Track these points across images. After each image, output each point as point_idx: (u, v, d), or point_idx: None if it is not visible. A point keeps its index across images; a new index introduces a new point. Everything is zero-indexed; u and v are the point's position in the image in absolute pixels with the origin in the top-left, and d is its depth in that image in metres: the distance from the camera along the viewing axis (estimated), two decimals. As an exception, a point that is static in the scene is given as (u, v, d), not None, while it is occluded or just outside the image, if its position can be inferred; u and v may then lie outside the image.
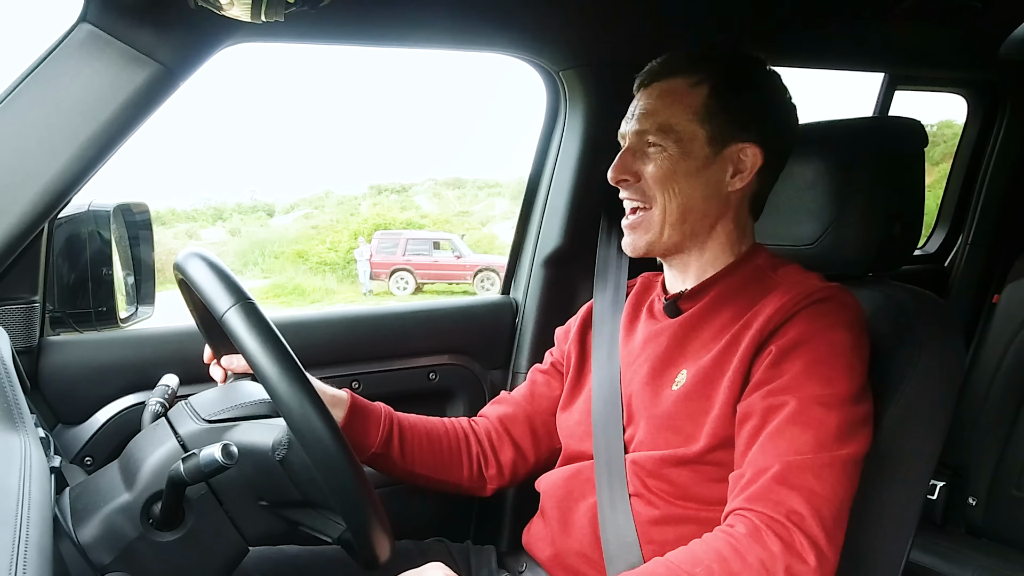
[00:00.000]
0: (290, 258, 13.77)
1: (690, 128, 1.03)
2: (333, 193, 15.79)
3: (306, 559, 1.15)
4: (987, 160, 2.38)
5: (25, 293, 1.16)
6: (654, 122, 1.04)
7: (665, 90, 1.05)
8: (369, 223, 15.25)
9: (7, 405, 0.79)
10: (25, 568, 0.54)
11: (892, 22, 1.62)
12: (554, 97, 1.55)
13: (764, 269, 1.07)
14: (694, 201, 1.04)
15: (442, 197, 16.35)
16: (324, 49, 1.92)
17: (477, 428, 1.28)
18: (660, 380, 1.06)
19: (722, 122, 1.03)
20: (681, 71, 1.05)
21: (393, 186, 16.45)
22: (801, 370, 0.93)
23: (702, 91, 1.03)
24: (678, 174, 1.03)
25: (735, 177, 1.05)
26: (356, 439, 1.13)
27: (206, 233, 15.57)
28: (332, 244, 14.27)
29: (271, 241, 14.43)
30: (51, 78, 1.05)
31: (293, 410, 0.75)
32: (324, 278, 14.11)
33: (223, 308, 0.79)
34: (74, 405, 1.26)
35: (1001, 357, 1.84)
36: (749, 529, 0.86)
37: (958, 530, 1.86)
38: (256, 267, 14.22)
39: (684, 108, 1.03)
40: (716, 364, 1.00)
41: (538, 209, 1.60)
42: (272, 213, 15.57)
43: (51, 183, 1.06)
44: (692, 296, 1.09)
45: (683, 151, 1.03)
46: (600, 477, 1.07)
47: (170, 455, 0.87)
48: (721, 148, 1.04)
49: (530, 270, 1.61)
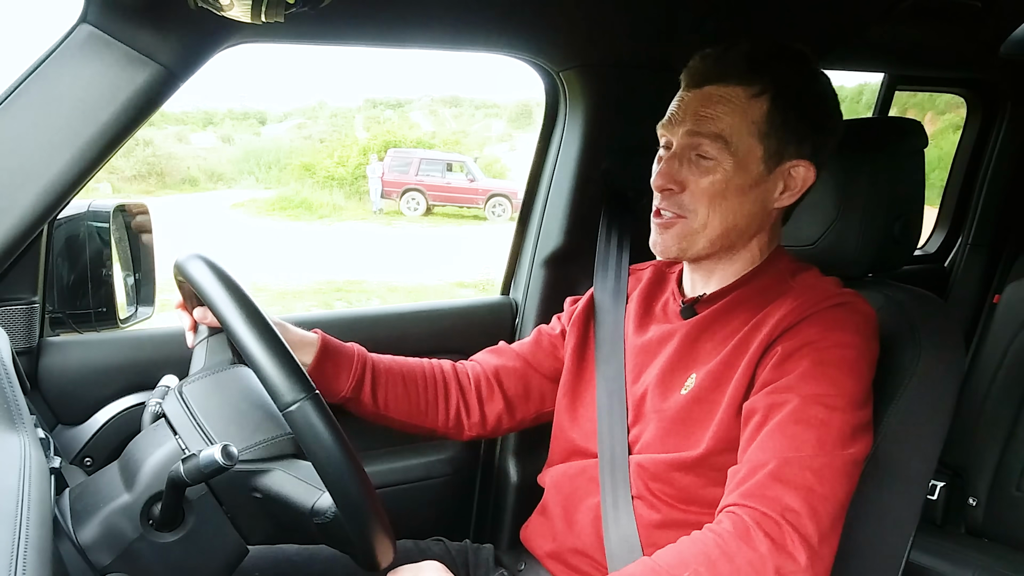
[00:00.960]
0: (296, 171, 13.50)
1: (748, 143, 0.97)
2: (327, 104, 15.53)
3: (305, 558, 1.15)
4: (987, 160, 2.38)
5: (25, 294, 1.16)
6: (711, 131, 0.97)
7: (724, 97, 0.97)
8: (379, 140, 14.99)
9: (7, 406, 0.79)
10: (25, 568, 0.54)
11: (892, 22, 1.62)
12: (554, 97, 1.55)
13: (783, 274, 1.05)
14: (739, 218, 1.00)
15: (439, 115, 16.18)
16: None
17: (463, 373, 1.23)
18: (670, 382, 1.05)
19: (780, 138, 0.98)
20: (740, 78, 0.97)
21: (389, 101, 16.16)
22: (807, 369, 0.92)
23: (763, 104, 0.97)
24: (729, 191, 0.98)
25: (784, 194, 1.01)
26: (326, 383, 1.07)
27: (196, 138, 15.04)
28: (340, 159, 14.02)
29: (266, 151, 14.14)
30: (51, 79, 1.05)
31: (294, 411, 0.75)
32: (332, 193, 13.84)
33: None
34: (74, 406, 1.26)
35: (1001, 357, 1.84)
36: (738, 528, 0.84)
37: (958, 530, 1.86)
38: (251, 177, 13.89)
39: (744, 121, 0.97)
40: (724, 366, 0.99)
41: (538, 209, 1.60)
42: (264, 121, 15.32)
43: (51, 184, 1.06)
44: (710, 300, 1.07)
45: (738, 167, 0.97)
46: (604, 477, 1.07)
47: (170, 456, 0.86)
48: (775, 166, 0.99)
49: (530, 270, 1.61)
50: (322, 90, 14.09)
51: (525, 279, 1.63)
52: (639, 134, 1.53)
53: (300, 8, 0.86)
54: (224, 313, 0.80)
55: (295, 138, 15.02)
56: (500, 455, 1.63)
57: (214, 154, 14.41)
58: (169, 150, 12.63)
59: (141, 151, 11.64)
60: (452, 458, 1.57)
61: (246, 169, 13.93)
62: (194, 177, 13.01)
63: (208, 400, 0.92)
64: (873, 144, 1.12)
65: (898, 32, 1.70)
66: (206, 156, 13.12)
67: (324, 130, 14.92)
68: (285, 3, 0.84)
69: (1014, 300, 1.87)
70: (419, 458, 1.54)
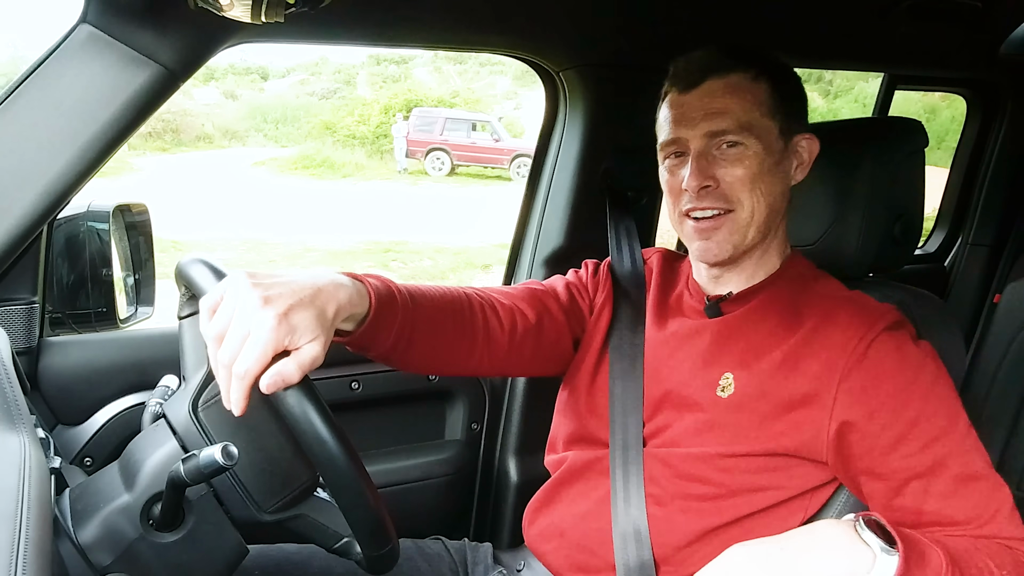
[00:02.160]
0: (316, 129, 13.40)
1: (764, 123, 0.99)
2: (328, 59, 15.37)
3: (305, 558, 1.15)
4: (987, 160, 2.37)
5: (25, 294, 1.16)
6: (732, 120, 0.98)
7: (728, 86, 0.99)
8: (400, 98, 14.88)
9: (7, 406, 0.79)
10: (24, 568, 0.54)
11: (892, 22, 1.62)
12: (554, 97, 1.55)
13: (806, 279, 1.06)
14: (775, 198, 1.01)
15: (443, 72, 16.08)
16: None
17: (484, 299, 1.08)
18: (701, 381, 1.02)
19: (785, 114, 1.01)
20: (737, 66, 1.00)
21: (392, 56, 16.01)
22: (920, 410, 0.90)
23: (764, 84, 1.00)
24: (764, 172, 0.99)
25: (797, 169, 1.04)
26: (371, 338, 0.91)
27: (199, 93, 14.80)
28: (361, 117, 13.89)
29: (272, 107, 14.02)
30: (51, 79, 1.05)
31: (294, 409, 0.75)
32: (353, 152, 13.75)
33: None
34: (74, 406, 1.26)
35: (1001, 358, 1.84)
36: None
37: (958, 530, 1.86)
38: (260, 134, 13.79)
39: (755, 102, 0.99)
40: (774, 378, 0.96)
41: (538, 209, 1.60)
42: (266, 77, 15.16)
43: (51, 184, 1.06)
44: (737, 300, 1.05)
45: (765, 147, 0.99)
46: (615, 469, 1.05)
47: (170, 456, 0.87)
48: (788, 140, 1.02)
49: (530, 270, 1.61)
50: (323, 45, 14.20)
51: (525, 279, 1.63)
52: (639, 134, 1.53)
53: (300, 8, 0.86)
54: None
55: (299, 94, 14.89)
56: (500, 455, 1.63)
57: (218, 110, 14.29)
58: (182, 106, 12.49)
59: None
60: (452, 458, 1.57)
61: (253, 126, 13.83)
62: (208, 134, 12.97)
63: (232, 435, 0.88)
64: (873, 144, 1.12)
65: (898, 32, 1.70)
66: (209, 112, 12.99)
67: (327, 87, 14.79)
68: (285, 3, 0.84)
69: (1014, 300, 1.87)
70: (419, 458, 1.54)
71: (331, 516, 0.92)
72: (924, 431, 0.89)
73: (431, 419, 1.61)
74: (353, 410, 1.49)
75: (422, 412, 1.60)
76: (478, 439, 1.62)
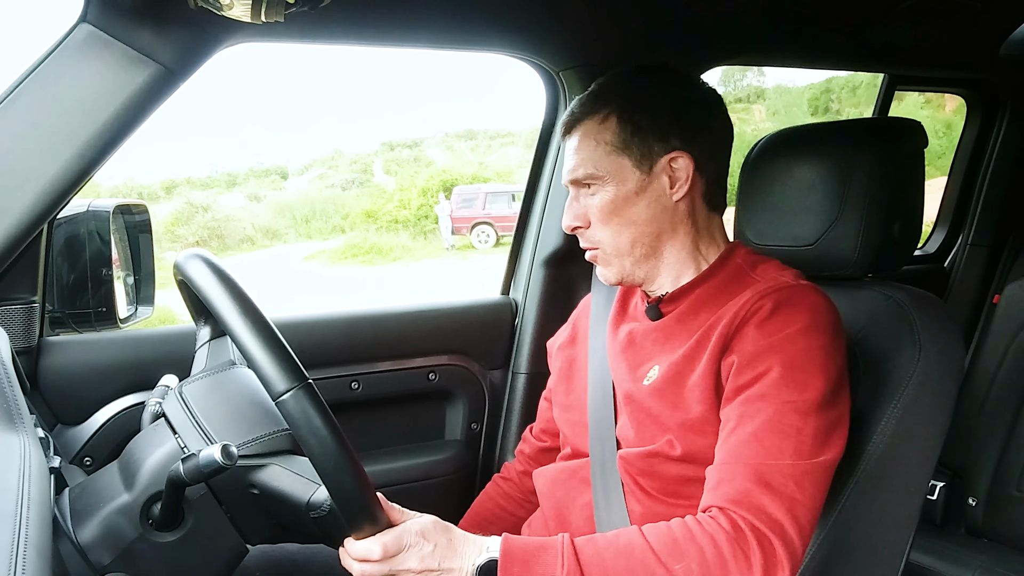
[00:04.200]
0: (359, 218, 13.71)
1: (612, 161, 1.04)
2: (343, 152, 15.72)
3: (306, 558, 1.15)
4: (987, 160, 2.38)
5: (25, 293, 1.16)
6: (582, 170, 1.06)
7: (581, 135, 1.07)
8: (435, 180, 15.20)
9: (6, 405, 0.79)
10: (24, 568, 0.54)
11: (892, 22, 1.62)
12: (554, 97, 1.55)
13: (743, 268, 1.07)
14: (639, 226, 1.05)
15: (455, 150, 16.36)
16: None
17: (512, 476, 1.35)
18: (635, 376, 1.07)
19: (639, 143, 1.04)
20: (588, 112, 1.07)
21: (405, 141, 16.36)
22: (776, 376, 0.92)
23: (611, 124, 1.05)
24: (619, 207, 1.05)
25: (674, 188, 1.06)
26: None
27: (225, 200, 15.23)
28: (402, 202, 14.25)
29: (297, 204, 14.28)
30: (51, 78, 1.05)
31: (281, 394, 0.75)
32: (398, 235, 14.06)
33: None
34: (74, 405, 1.26)
35: (1001, 358, 1.84)
36: (734, 535, 0.86)
37: (958, 530, 1.86)
38: (291, 230, 14.05)
39: (600, 145, 1.05)
40: (686, 360, 1.00)
41: (538, 209, 1.61)
42: (286, 175, 15.45)
43: (51, 183, 1.06)
44: (672, 300, 1.09)
45: (615, 185, 1.04)
46: (595, 476, 1.08)
47: (170, 455, 0.87)
48: (650, 167, 1.04)
49: (530, 270, 1.62)
50: (336, 138, 14.29)
51: (525, 279, 1.63)
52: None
53: (300, 8, 0.86)
54: (219, 307, 0.80)
55: (319, 188, 15.24)
56: (500, 455, 1.63)
57: (245, 213, 14.61)
58: (225, 212, 12.82)
59: (201, 216, 12.05)
60: (452, 458, 1.57)
61: (283, 224, 14.17)
62: (250, 236, 13.28)
63: (207, 399, 0.92)
64: (873, 144, 1.12)
65: (898, 32, 1.70)
66: (238, 216, 13.28)
67: (346, 177, 15.15)
68: (285, 3, 0.84)
69: (1014, 300, 1.87)
70: (419, 458, 1.54)
71: (302, 467, 0.88)
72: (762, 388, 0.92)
73: (431, 419, 1.61)
74: (353, 410, 1.49)
75: (422, 412, 1.60)
76: (478, 439, 1.62)
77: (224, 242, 11.73)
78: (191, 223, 11.10)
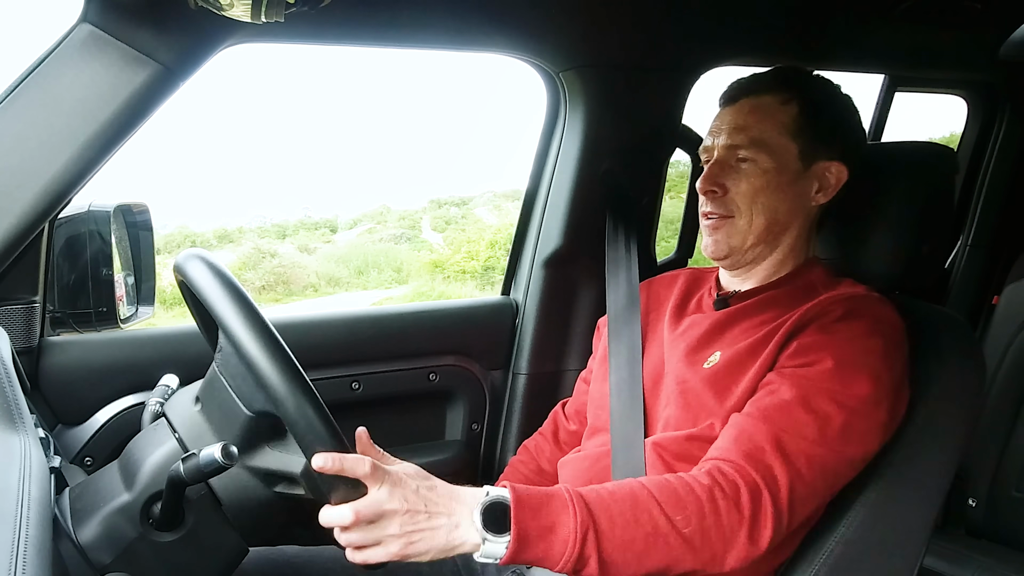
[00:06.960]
0: (426, 267, 14.26)
1: (782, 142, 1.07)
2: (391, 208, 16.02)
3: (306, 560, 1.15)
4: (987, 161, 2.37)
5: (25, 293, 1.16)
6: (747, 136, 1.08)
7: (756, 106, 1.09)
8: (503, 232, 15.68)
9: (7, 405, 0.79)
10: (24, 568, 0.54)
11: (892, 22, 1.62)
12: (554, 98, 1.55)
13: (815, 283, 1.11)
14: (779, 214, 1.09)
15: (502, 209, 16.69)
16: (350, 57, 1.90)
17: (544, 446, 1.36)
18: (694, 359, 1.09)
19: (811, 138, 1.08)
20: (771, 89, 1.10)
21: (453, 200, 16.69)
22: (826, 367, 0.95)
23: (792, 108, 1.08)
24: (768, 188, 1.07)
25: (819, 192, 1.10)
26: None
27: (278, 249, 15.39)
28: (469, 253, 14.77)
29: (349, 258, 14.68)
30: (51, 78, 1.05)
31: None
32: (464, 285, 14.49)
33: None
34: (74, 405, 1.26)
35: (1001, 359, 1.84)
36: (730, 488, 0.88)
37: (958, 531, 1.86)
38: (351, 280, 14.47)
39: (776, 124, 1.08)
40: (748, 351, 1.03)
41: (538, 210, 1.60)
42: (335, 229, 15.71)
43: (51, 183, 1.06)
44: (744, 296, 1.13)
45: (776, 165, 1.07)
46: (616, 463, 1.09)
47: (170, 455, 0.87)
48: (810, 164, 1.09)
49: (530, 271, 1.61)
50: (381, 194, 14.58)
51: (525, 280, 1.63)
52: (639, 135, 1.53)
53: (300, 8, 0.86)
54: (216, 306, 0.80)
55: (369, 241, 15.63)
56: (500, 455, 1.63)
57: (298, 265, 14.98)
58: (293, 259, 13.16)
59: (268, 262, 12.51)
60: (452, 458, 1.57)
61: (336, 274, 14.58)
62: (314, 283, 13.65)
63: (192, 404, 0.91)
64: (906, 167, 1.17)
65: (898, 32, 1.70)
66: (305, 263, 13.66)
67: (394, 232, 15.55)
68: (285, 3, 0.84)
69: (1014, 301, 1.87)
70: (419, 458, 1.54)
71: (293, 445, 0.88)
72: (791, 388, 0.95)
73: (431, 419, 1.61)
74: (353, 410, 1.48)
75: (422, 412, 1.60)
76: (478, 439, 1.62)
77: (289, 288, 12.11)
78: (258, 268, 11.44)
